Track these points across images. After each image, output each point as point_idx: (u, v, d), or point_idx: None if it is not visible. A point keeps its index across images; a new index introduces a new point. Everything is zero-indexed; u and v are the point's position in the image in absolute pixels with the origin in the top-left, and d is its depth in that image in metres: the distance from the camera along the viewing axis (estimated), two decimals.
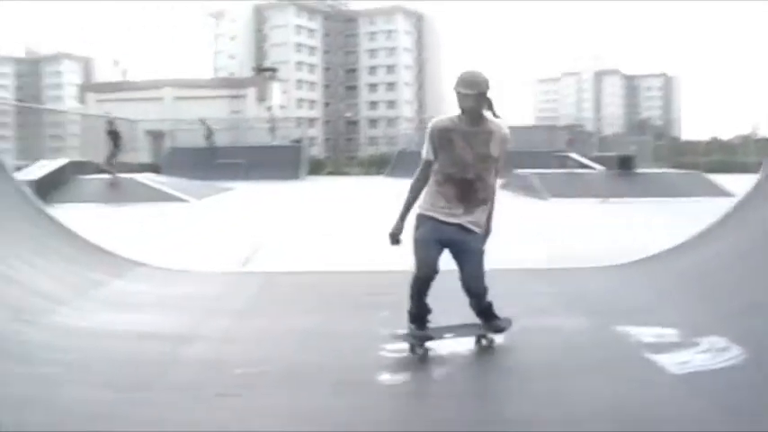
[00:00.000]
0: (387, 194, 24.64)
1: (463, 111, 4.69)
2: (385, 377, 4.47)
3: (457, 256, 4.84)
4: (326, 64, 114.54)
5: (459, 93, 4.63)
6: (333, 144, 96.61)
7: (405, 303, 4.84)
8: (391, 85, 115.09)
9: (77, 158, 28.17)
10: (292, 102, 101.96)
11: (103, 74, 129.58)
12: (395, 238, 4.95)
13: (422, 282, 4.74)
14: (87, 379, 4.32)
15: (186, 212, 17.62)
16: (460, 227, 4.72)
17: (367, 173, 45.62)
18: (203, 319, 6.00)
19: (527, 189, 22.12)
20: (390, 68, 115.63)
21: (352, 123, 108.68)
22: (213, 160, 35.69)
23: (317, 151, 65.85)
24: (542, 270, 8.40)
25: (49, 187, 18.57)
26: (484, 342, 5.06)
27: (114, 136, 23.67)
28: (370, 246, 11.03)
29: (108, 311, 6.14)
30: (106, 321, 5.82)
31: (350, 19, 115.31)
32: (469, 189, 4.70)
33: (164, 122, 44.59)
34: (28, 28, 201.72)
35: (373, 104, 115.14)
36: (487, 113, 4.76)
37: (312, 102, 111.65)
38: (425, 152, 4.83)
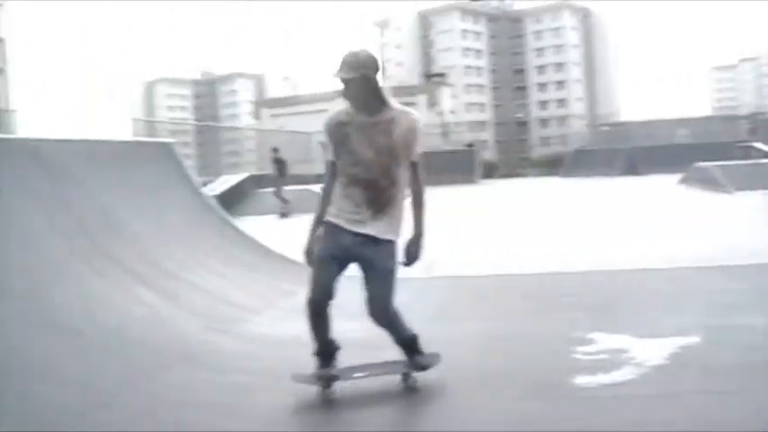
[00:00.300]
0: (565, 195, 24.43)
1: (349, 100, 4.10)
2: (580, 380, 4.31)
3: (363, 273, 4.21)
4: (493, 66, 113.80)
5: (341, 79, 4.02)
6: (504, 146, 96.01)
7: (596, 305, 4.72)
8: (561, 84, 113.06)
9: (255, 172, 29.23)
10: (462, 106, 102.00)
11: (275, 89, 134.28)
12: (308, 257, 4.25)
13: (314, 306, 4.15)
14: (283, 387, 4.44)
15: None
16: (367, 238, 4.07)
17: (541, 174, 45.08)
18: None
19: (708, 183, 21.20)
20: (559, 66, 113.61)
21: (523, 124, 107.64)
22: None
23: (488, 154, 65.61)
24: (726, 267, 8.02)
25: (231, 201, 19.34)
26: (409, 381, 4.35)
27: (280, 165, 22.19)
28: (555, 247, 10.94)
29: (297, 321, 6.30)
30: (296, 330, 5.98)
31: (515, 19, 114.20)
32: (376, 190, 4.06)
33: None
34: (202, 51, 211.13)
35: (543, 104, 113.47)
36: (390, 99, 4.13)
37: (481, 105, 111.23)
38: (326, 153, 4.20)
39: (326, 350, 4.27)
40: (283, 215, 20.24)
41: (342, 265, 4.12)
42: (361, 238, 4.06)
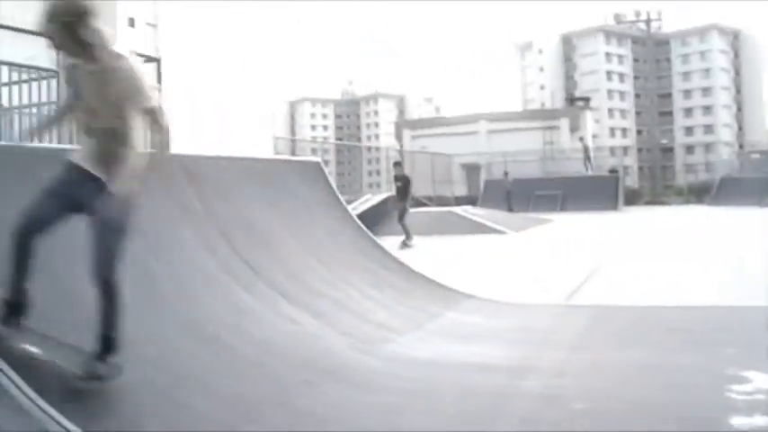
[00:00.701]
0: (711, 225, 23.58)
1: (60, 51, 3.75)
2: (737, 421, 4.06)
3: (88, 225, 3.67)
4: (637, 90, 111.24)
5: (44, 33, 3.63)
6: (648, 172, 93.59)
7: (751, 341, 4.49)
8: (707, 109, 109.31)
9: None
10: (605, 131, 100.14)
11: (416, 111, 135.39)
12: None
13: (17, 237, 3.59)
14: (427, 408, 4.41)
15: (506, 245, 17.76)
16: (97, 184, 3.67)
17: (687, 202, 43.65)
18: (536, 351, 5.96)
19: None
20: (706, 91, 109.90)
21: (668, 150, 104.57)
22: (529, 192, 35.86)
23: (631, 180, 64.10)
24: None
25: (372, 220, 19.53)
26: (74, 379, 3.58)
27: (404, 183, 18.74)
28: (702, 280, 10.54)
29: (443, 342, 6.28)
30: (442, 352, 5.95)
31: (660, 42, 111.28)
32: (107, 139, 3.69)
33: (479, 156, 45.48)
34: (345, 71, 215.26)
35: (689, 130, 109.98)
36: (106, 44, 3.71)
37: (624, 130, 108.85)
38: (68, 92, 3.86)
39: (16, 299, 3.66)
40: (405, 246, 16.63)
41: (64, 207, 3.71)
42: (91, 184, 3.68)
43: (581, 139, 38.12)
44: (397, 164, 20.76)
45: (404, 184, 18.68)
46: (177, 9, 55.91)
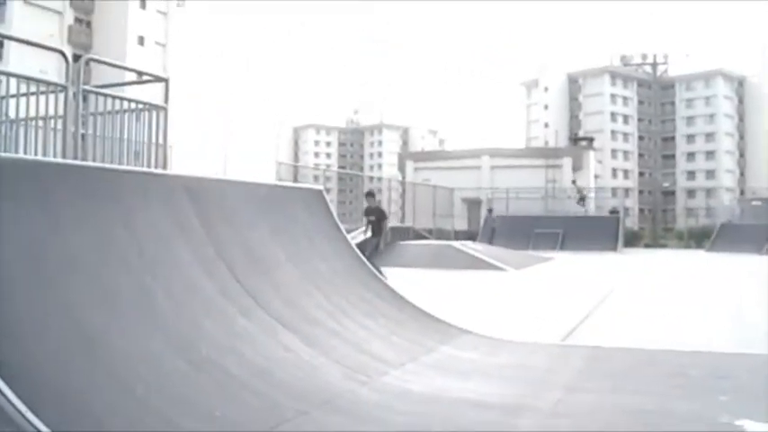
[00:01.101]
0: (711, 271, 23.55)
1: None
2: None
3: None
4: (641, 132, 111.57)
5: None
6: (649, 215, 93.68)
7: (748, 389, 4.47)
8: (710, 154, 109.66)
9: (397, 224, 29.55)
10: (607, 171, 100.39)
11: (420, 142, 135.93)
12: None
13: None
14: None
15: (505, 282, 17.72)
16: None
17: (686, 246, 43.66)
18: (531, 390, 5.92)
19: None
20: (709, 136, 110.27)
21: (669, 193, 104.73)
22: (530, 229, 35.93)
23: (631, 222, 64.15)
24: None
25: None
26: None
27: (378, 217, 16.46)
28: (704, 326, 10.51)
29: (438, 377, 6.24)
30: (437, 386, 5.91)
31: (665, 86, 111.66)
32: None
33: (480, 191, 45.59)
34: (351, 100, 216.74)
35: (691, 174, 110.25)
36: None
37: (627, 171, 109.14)
38: None
39: None
40: None
41: None
42: None
43: (574, 182, 38.36)
44: (370, 194, 17.91)
45: (377, 218, 16.32)
46: (187, 29, 56.11)
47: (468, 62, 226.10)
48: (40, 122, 8.33)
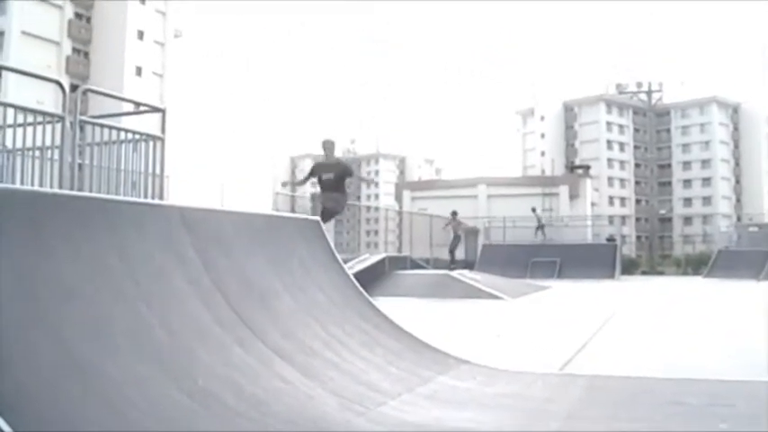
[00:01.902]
0: (711, 297, 23.52)
1: None
2: None
3: None
4: (637, 160, 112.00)
5: None
6: (646, 242, 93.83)
7: (747, 416, 4.44)
8: (706, 181, 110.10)
9: (394, 253, 29.55)
10: (604, 199, 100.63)
11: (417, 172, 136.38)
12: None
13: None
14: None
15: (503, 311, 17.67)
16: None
17: (684, 273, 43.69)
18: (529, 421, 5.87)
19: None
20: (705, 163, 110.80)
21: (666, 220, 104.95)
22: (527, 258, 35.94)
23: (628, 249, 64.16)
24: None
25: (368, 280, 19.48)
26: None
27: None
28: (702, 353, 10.47)
29: (434, 407, 6.19)
30: (433, 417, 5.86)
31: (661, 113, 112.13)
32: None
33: (477, 219, 45.65)
34: (347, 130, 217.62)
35: (687, 201, 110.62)
36: None
37: (623, 199, 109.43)
38: None
39: None
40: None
41: None
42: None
43: (533, 210, 38.62)
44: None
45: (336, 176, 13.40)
46: (184, 60, 56.32)
47: (465, 91, 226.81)
48: (37, 152, 8.35)
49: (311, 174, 13.37)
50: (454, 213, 26.73)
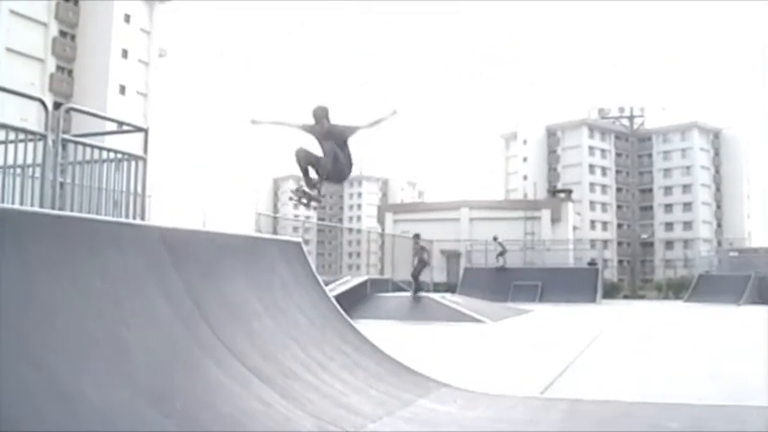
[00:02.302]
0: (692, 322, 23.60)
1: None
2: None
3: None
4: (619, 184, 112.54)
5: None
6: (627, 266, 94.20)
7: None
8: (687, 205, 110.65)
9: (375, 276, 29.52)
10: (586, 223, 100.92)
11: (400, 194, 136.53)
12: None
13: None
14: None
15: (484, 334, 17.67)
16: None
17: (665, 297, 43.81)
18: None
19: None
20: (686, 188, 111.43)
21: (647, 245, 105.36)
22: (508, 281, 35.99)
23: (610, 274, 64.36)
24: None
25: (349, 302, 19.43)
26: None
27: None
28: (682, 377, 10.50)
29: (415, 431, 6.19)
30: None
31: (642, 138, 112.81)
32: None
33: (459, 243, 45.68)
34: None
35: (669, 225, 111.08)
36: None
37: (605, 223, 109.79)
38: None
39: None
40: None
41: None
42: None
43: (495, 238, 38.64)
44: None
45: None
46: (168, 79, 56.23)
47: (448, 114, 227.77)
48: (18, 170, 8.31)
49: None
50: (416, 236, 25.35)
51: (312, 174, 9.26)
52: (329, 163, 8.89)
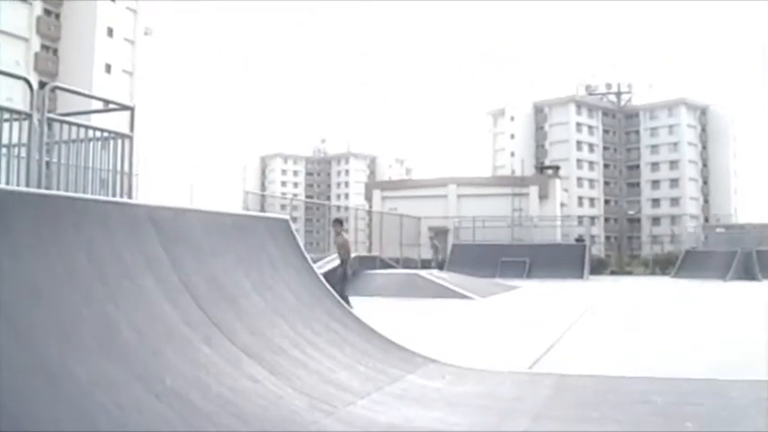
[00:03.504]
0: (679, 297, 23.73)
1: None
2: None
3: None
4: (606, 161, 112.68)
5: None
6: (615, 242, 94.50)
7: (714, 414, 4.49)
8: (674, 182, 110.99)
9: (364, 253, 29.53)
10: (573, 199, 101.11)
11: (387, 171, 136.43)
12: None
13: None
14: None
15: (472, 310, 17.73)
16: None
17: (652, 273, 44.03)
18: (497, 420, 5.90)
19: None
20: (673, 164, 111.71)
21: (635, 221, 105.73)
22: (496, 258, 36.07)
23: (597, 250, 64.59)
24: None
25: (337, 279, 19.40)
26: None
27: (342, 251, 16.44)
28: (669, 352, 10.58)
29: (403, 406, 6.20)
30: (403, 417, 5.87)
31: (630, 115, 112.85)
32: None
33: (447, 219, 45.74)
34: (319, 129, 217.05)
35: (656, 201, 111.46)
36: None
37: (592, 199, 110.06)
38: None
39: None
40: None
41: None
42: None
43: (431, 238, 38.34)
44: (338, 222, 17.78)
45: (343, 251, 16.71)
46: (154, 57, 55.87)
47: (436, 91, 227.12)
48: (4, 150, 8.26)
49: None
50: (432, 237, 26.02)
51: None
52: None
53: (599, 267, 43.80)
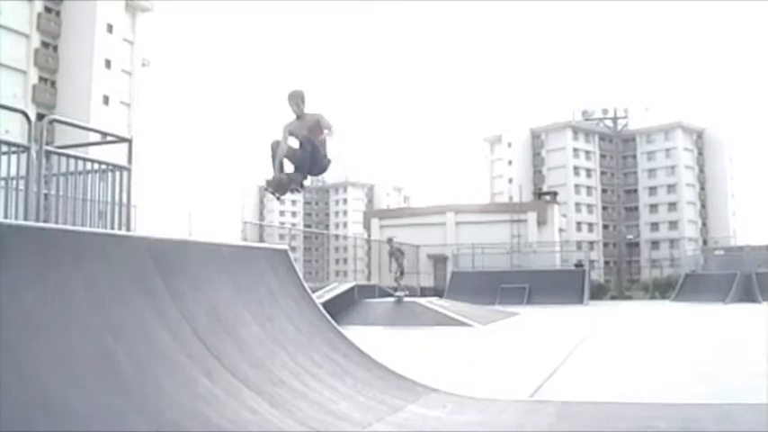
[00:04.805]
0: (680, 321, 23.68)
1: None
2: None
3: None
4: (604, 185, 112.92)
5: None
6: (614, 267, 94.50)
7: None
8: (672, 205, 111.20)
9: (363, 282, 29.52)
10: (572, 225, 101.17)
11: (385, 200, 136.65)
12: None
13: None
14: None
15: (473, 338, 17.67)
16: None
17: (652, 297, 44.00)
18: None
19: None
20: (671, 188, 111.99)
21: (633, 245, 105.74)
22: (496, 284, 36.02)
23: (597, 275, 64.56)
24: None
25: (337, 308, 19.40)
26: None
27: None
28: (671, 377, 10.53)
29: None
30: None
31: (626, 139, 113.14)
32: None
33: (446, 247, 45.72)
34: None
35: (654, 225, 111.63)
36: None
37: (591, 224, 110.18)
38: None
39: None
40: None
41: None
42: None
43: (389, 240, 37.19)
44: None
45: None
46: (152, 88, 56.03)
47: (433, 119, 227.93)
48: (2, 183, 8.26)
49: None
50: (390, 240, 26.51)
51: (288, 167, 9.06)
52: (308, 155, 8.64)
53: (599, 292, 43.78)
